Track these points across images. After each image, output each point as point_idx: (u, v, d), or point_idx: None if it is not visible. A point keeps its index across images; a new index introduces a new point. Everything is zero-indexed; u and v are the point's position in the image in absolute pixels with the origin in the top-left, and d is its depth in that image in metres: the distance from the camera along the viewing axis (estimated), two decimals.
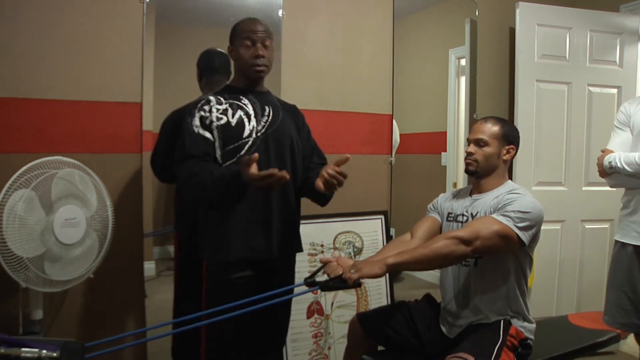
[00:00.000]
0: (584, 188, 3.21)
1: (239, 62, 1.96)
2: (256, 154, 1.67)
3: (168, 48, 2.54)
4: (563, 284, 3.23)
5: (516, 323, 1.87)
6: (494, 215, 1.81)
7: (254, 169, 1.65)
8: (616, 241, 2.27)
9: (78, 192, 2.04)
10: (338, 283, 1.71)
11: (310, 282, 1.75)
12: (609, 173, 2.21)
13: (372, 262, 1.75)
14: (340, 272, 1.71)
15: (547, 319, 2.53)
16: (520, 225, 1.78)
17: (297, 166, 2.03)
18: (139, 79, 2.39)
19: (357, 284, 1.68)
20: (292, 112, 2.09)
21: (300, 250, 2.10)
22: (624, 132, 2.25)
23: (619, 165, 2.14)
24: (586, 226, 3.23)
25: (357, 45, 2.92)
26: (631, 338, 2.39)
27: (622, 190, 2.30)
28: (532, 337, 1.91)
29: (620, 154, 2.17)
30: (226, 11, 2.52)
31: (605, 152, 2.26)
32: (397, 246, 1.95)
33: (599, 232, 3.24)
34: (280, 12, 2.66)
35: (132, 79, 2.38)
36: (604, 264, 3.26)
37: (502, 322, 1.85)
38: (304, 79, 2.76)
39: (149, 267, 2.50)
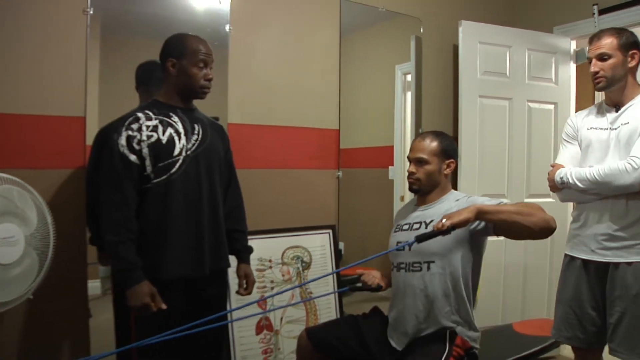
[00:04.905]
0: (526, 199, 3.30)
1: (186, 80, 1.93)
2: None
3: (114, 61, 2.48)
4: (507, 292, 3.32)
5: (462, 332, 1.91)
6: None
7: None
8: (565, 255, 2.23)
9: (16, 210, 1.96)
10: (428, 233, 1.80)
11: (354, 288, 2.16)
12: (560, 188, 2.15)
13: (459, 211, 1.78)
14: (377, 283, 2.07)
15: (493, 327, 2.60)
16: None
17: (224, 184, 2.10)
18: (82, 93, 2.33)
19: (448, 231, 1.74)
20: (219, 132, 2.12)
21: (228, 265, 2.10)
22: (573, 145, 2.20)
23: (570, 181, 2.07)
24: None
25: (305, 61, 2.94)
26: None
27: (566, 203, 2.27)
28: (477, 346, 1.96)
29: (572, 169, 2.10)
30: (174, 24, 2.49)
31: (555, 166, 2.20)
32: None
33: (540, 241, 3.29)
34: (227, 27, 2.66)
35: (76, 92, 2.32)
36: (545, 271, 3.38)
37: (447, 332, 1.89)
38: (251, 94, 2.76)
39: (94, 285, 2.42)
